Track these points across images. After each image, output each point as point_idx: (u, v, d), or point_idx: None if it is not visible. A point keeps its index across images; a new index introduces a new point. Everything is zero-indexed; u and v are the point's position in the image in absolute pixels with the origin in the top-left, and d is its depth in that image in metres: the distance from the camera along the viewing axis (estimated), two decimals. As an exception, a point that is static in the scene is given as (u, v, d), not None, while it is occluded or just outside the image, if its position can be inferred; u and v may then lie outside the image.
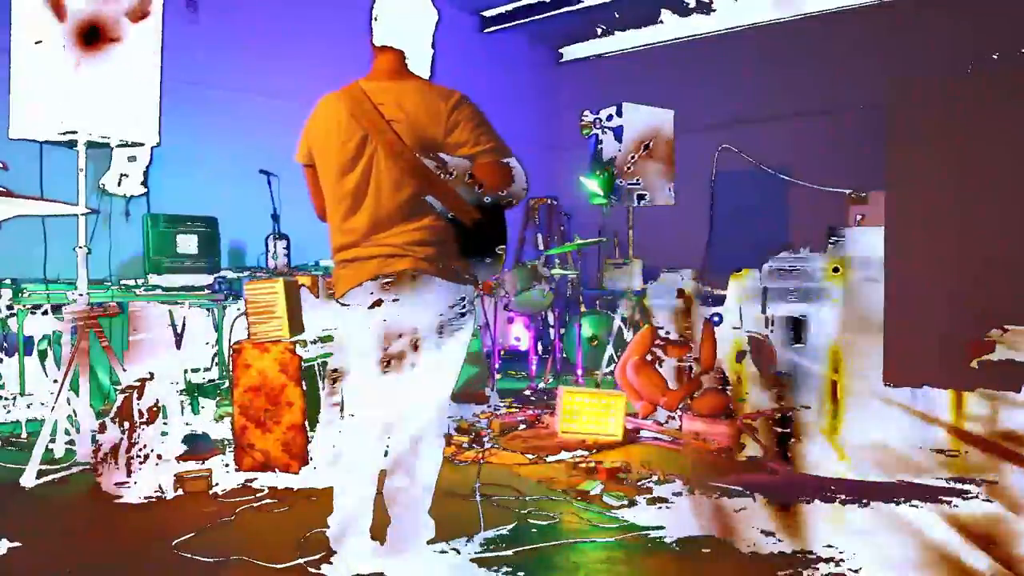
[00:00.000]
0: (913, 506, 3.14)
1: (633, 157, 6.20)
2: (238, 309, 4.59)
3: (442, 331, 2.41)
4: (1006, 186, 3.35)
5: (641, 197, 6.27)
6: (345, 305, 2.46)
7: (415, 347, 2.40)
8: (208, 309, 4.87)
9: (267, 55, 6.44)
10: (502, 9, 8.58)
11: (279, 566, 2.49)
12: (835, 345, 3.91)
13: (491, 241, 2.44)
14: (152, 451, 3.38)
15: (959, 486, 3.39)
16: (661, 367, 4.76)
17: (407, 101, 2.36)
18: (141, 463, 3.31)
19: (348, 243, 2.42)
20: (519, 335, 6.49)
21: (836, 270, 3.97)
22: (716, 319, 4.94)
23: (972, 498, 3.24)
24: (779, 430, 4.23)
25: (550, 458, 3.91)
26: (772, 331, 4.57)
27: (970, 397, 3.69)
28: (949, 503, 3.18)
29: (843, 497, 3.27)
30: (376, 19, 2.49)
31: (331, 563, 2.49)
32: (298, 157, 2.56)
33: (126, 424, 3.31)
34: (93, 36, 3.59)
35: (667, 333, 4.70)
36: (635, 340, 4.93)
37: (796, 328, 4.21)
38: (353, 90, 2.42)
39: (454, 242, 2.38)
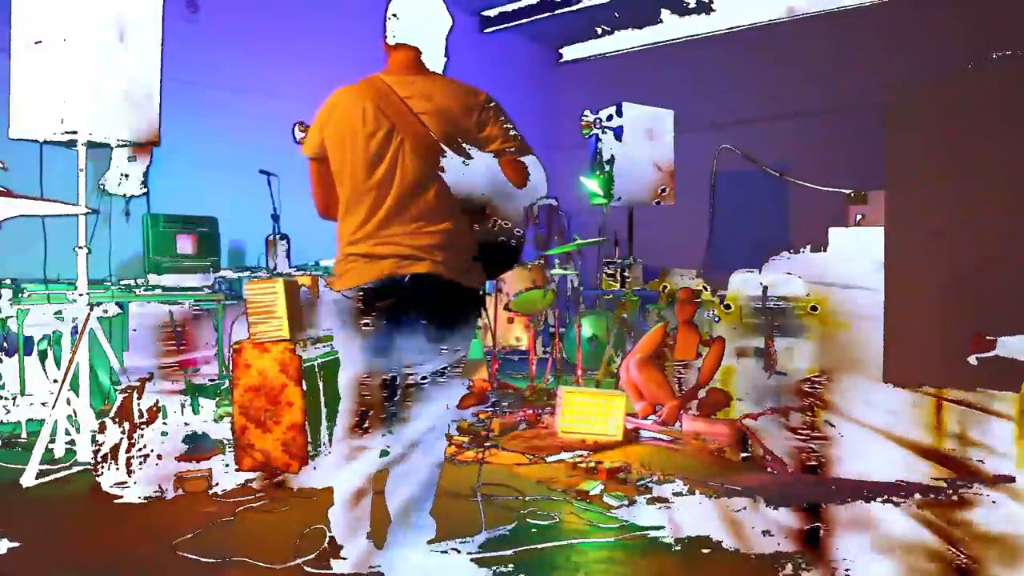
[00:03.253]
0: (910, 505, 3.14)
1: (664, 190, 6.24)
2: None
3: (452, 334, 2.39)
4: (1006, 186, 3.35)
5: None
6: (348, 299, 2.39)
7: (424, 350, 2.37)
8: (208, 309, 4.87)
9: (267, 55, 6.45)
10: (502, 9, 8.58)
11: (279, 566, 2.49)
12: (810, 371, 4.07)
13: (508, 248, 2.43)
14: (152, 451, 3.37)
15: (952, 486, 3.39)
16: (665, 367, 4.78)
17: (437, 94, 2.36)
18: (141, 463, 3.31)
19: (362, 237, 2.36)
20: (519, 335, 6.49)
21: (814, 308, 4.11)
22: (716, 319, 4.94)
23: (967, 498, 3.24)
24: (777, 430, 4.23)
25: (550, 458, 3.91)
26: (772, 331, 4.57)
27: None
28: (943, 503, 3.18)
29: (843, 497, 3.26)
30: (392, 17, 2.47)
31: (337, 559, 2.48)
32: (306, 149, 2.51)
33: (126, 424, 3.31)
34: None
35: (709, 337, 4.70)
36: (645, 337, 4.95)
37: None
38: (376, 83, 2.39)
39: (472, 247, 2.37)
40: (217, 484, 3.38)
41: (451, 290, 2.34)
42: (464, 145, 2.33)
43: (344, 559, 2.47)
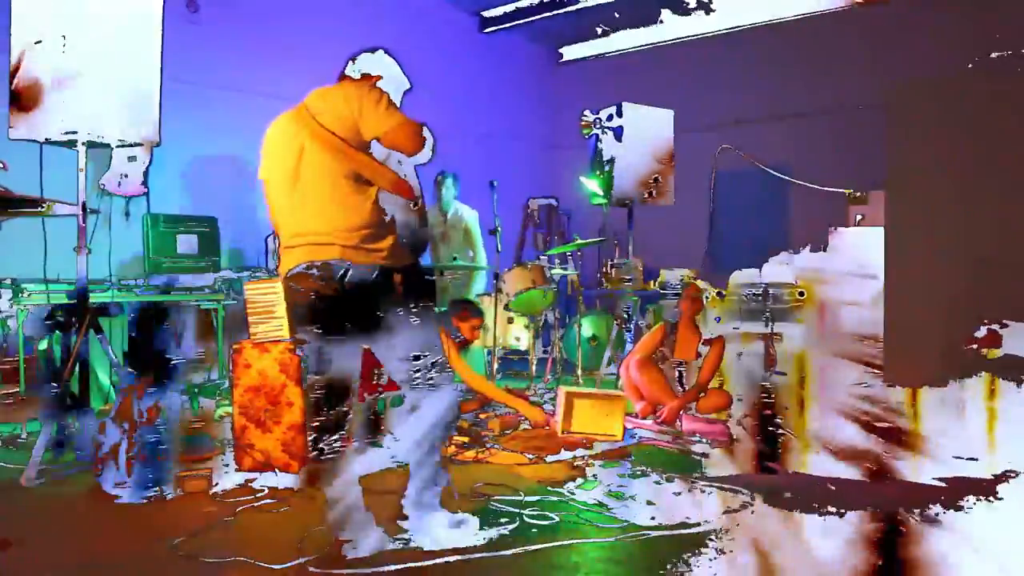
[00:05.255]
0: (910, 505, 3.14)
1: (656, 179, 6.26)
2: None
3: (381, 314, 2.58)
4: (1006, 185, 3.35)
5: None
6: (286, 288, 2.76)
7: (361, 331, 2.61)
8: (208, 309, 4.87)
9: (267, 55, 6.45)
10: (502, 9, 8.58)
11: (279, 566, 2.49)
12: (801, 354, 4.20)
13: (419, 227, 2.77)
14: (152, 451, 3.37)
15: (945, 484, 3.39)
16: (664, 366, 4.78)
17: (330, 98, 2.69)
18: (141, 463, 3.31)
19: (289, 229, 2.71)
20: (519, 335, 6.49)
21: (802, 294, 4.31)
22: (716, 319, 4.94)
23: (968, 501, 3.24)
24: (777, 429, 4.24)
25: (550, 458, 3.91)
26: (772, 331, 4.58)
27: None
28: (940, 502, 3.18)
29: (843, 496, 3.26)
30: (350, 61, 2.88)
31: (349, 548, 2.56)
32: (259, 174, 2.86)
33: (126, 424, 3.30)
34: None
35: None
36: (645, 337, 4.95)
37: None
38: (297, 106, 2.75)
39: (387, 230, 2.64)
40: (217, 484, 3.39)
41: (365, 269, 2.58)
42: (357, 133, 2.62)
43: (355, 548, 2.54)
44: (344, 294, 2.57)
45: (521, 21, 8.55)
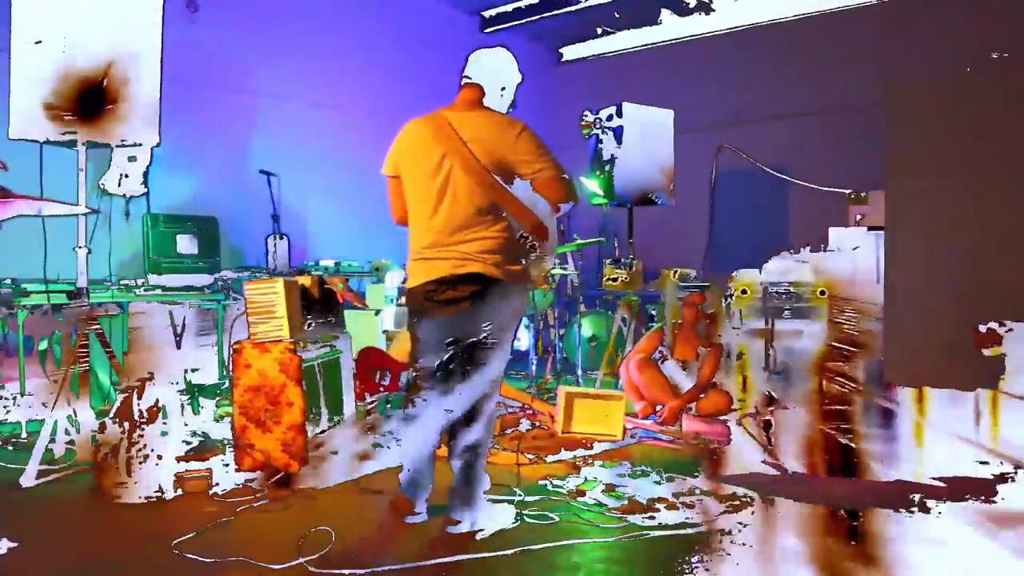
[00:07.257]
0: (912, 504, 3.14)
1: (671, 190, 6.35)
2: (239, 309, 4.59)
3: (502, 323, 2.82)
4: (1006, 185, 3.35)
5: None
6: (415, 295, 2.86)
7: (478, 338, 2.79)
8: (208, 309, 4.88)
9: (267, 55, 6.45)
10: (502, 9, 8.58)
11: (279, 566, 2.50)
12: (821, 351, 4.19)
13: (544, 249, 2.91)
14: (152, 451, 3.37)
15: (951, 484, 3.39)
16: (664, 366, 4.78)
17: (481, 128, 2.80)
18: (141, 463, 3.31)
19: (427, 242, 2.83)
20: (519, 335, 6.48)
21: (822, 292, 4.29)
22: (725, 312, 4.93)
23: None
24: (778, 429, 4.23)
25: (550, 458, 3.91)
26: (772, 331, 4.57)
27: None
28: (943, 501, 3.18)
29: (844, 495, 3.26)
30: (470, 59, 2.98)
31: (412, 516, 2.86)
32: (384, 170, 2.99)
33: (126, 424, 3.31)
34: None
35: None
36: (645, 337, 4.95)
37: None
38: (437, 117, 2.87)
39: (516, 250, 2.83)
40: (217, 484, 3.39)
41: (499, 284, 2.78)
42: (506, 169, 2.79)
43: (418, 513, 2.87)
44: (476, 303, 2.77)
45: (521, 21, 8.55)
